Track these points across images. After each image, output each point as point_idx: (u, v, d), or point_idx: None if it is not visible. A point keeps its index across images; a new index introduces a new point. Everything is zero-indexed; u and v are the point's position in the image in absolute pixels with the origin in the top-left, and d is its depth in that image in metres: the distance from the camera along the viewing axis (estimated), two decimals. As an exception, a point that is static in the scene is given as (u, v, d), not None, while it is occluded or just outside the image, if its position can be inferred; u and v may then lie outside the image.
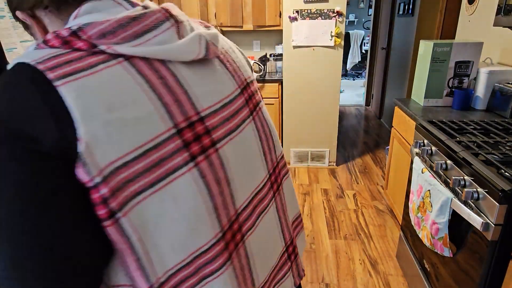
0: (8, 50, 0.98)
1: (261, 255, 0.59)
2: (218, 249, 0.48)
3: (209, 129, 0.48)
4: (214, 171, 0.48)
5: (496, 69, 1.83)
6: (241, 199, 0.53)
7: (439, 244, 1.30)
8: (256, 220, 0.57)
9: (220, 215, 0.49)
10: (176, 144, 0.44)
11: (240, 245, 0.53)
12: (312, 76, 3.05)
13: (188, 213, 0.45)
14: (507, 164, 1.13)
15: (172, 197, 0.43)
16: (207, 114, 0.49)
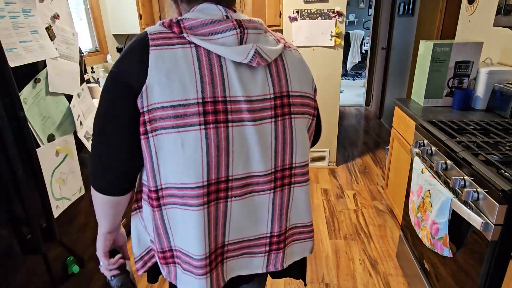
0: (8, 50, 0.98)
1: (240, 221, 0.76)
2: (200, 192, 0.69)
3: (227, 110, 0.68)
4: (218, 139, 0.67)
5: (496, 69, 1.83)
6: (236, 171, 0.72)
7: (439, 244, 1.30)
8: (245, 194, 0.75)
9: (210, 170, 0.68)
10: (198, 109, 0.65)
11: (221, 201, 0.73)
12: (312, 76, 3.05)
13: (188, 157, 0.66)
14: (507, 164, 1.13)
15: (181, 141, 0.66)
16: (231, 100, 0.68)
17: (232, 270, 0.83)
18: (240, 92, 0.69)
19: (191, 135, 0.66)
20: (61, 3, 1.23)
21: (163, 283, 1.87)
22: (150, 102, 0.65)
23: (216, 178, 0.70)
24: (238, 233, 0.78)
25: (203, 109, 0.66)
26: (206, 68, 0.67)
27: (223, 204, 0.73)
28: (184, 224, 0.72)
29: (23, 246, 1.06)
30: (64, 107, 1.24)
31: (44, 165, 1.10)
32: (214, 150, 0.68)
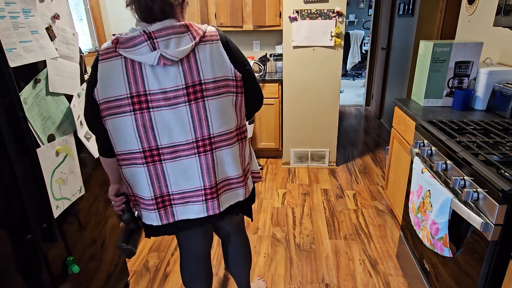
0: (8, 50, 0.98)
1: (176, 178, 1.11)
2: (140, 155, 1.07)
3: (148, 100, 1.02)
4: (143, 120, 1.03)
5: (496, 69, 1.83)
6: (163, 142, 1.06)
7: (439, 244, 1.30)
8: (175, 158, 1.08)
9: (142, 142, 1.05)
10: (128, 101, 1.01)
11: (157, 163, 1.08)
12: (312, 76, 3.05)
13: (126, 133, 1.04)
14: (507, 164, 1.13)
15: (120, 124, 1.03)
16: (150, 93, 1.01)
17: (181, 214, 1.16)
18: (156, 86, 1.01)
19: (126, 119, 1.03)
20: (61, 3, 1.23)
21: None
22: (99, 98, 1.03)
23: (148, 147, 1.07)
24: (177, 186, 1.12)
25: (131, 101, 1.02)
26: (130, 72, 1.01)
27: (159, 164, 1.09)
28: (136, 177, 1.11)
29: (23, 246, 1.06)
30: (64, 107, 1.24)
31: (44, 165, 1.10)
32: (142, 128, 1.04)
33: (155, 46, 0.98)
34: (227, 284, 1.88)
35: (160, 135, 1.05)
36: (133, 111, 1.02)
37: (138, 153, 1.07)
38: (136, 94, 1.01)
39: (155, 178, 1.11)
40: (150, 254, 2.13)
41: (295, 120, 3.23)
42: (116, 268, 1.69)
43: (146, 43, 0.98)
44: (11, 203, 1.02)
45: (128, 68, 1.00)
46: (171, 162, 1.09)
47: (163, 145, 1.07)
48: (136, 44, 0.98)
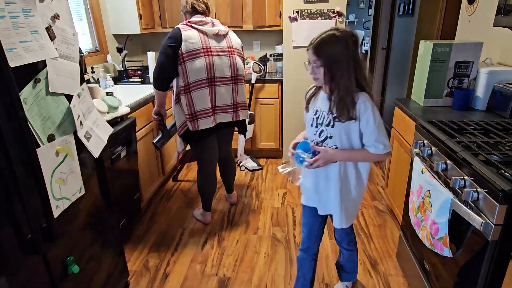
0: (8, 50, 0.98)
1: (220, 97, 2.11)
2: (205, 82, 2.03)
3: (212, 51, 2.04)
4: (209, 61, 2.02)
5: (496, 70, 1.83)
6: (217, 74, 2.07)
7: (439, 244, 1.30)
8: (222, 84, 2.10)
9: (208, 73, 2.02)
10: (201, 51, 1.99)
11: (213, 87, 2.07)
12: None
13: (199, 67, 1.99)
14: (507, 164, 1.13)
15: (195, 63, 1.98)
16: (213, 48, 2.05)
17: (220, 119, 2.15)
18: (215, 45, 2.06)
19: (199, 60, 1.98)
20: (61, 3, 1.23)
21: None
22: (182, 51, 1.94)
23: (210, 77, 2.03)
24: (219, 101, 2.11)
25: (203, 51, 1.99)
26: (203, 36, 2.01)
27: (214, 87, 2.07)
28: (202, 97, 2.03)
29: (23, 246, 1.06)
30: (64, 107, 1.24)
31: (44, 165, 1.10)
32: (209, 65, 2.01)
33: (214, 25, 2.08)
34: (227, 284, 1.88)
35: (216, 71, 2.04)
36: (204, 56, 1.99)
37: (204, 80, 2.01)
38: (206, 48, 2.00)
39: (211, 97, 2.06)
40: (150, 254, 2.13)
41: (295, 120, 3.22)
42: (116, 268, 1.69)
43: (211, 24, 2.07)
44: (11, 203, 1.02)
45: (200, 34, 2.00)
46: (219, 87, 2.08)
47: (217, 76, 2.05)
48: (204, 23, 2.04)
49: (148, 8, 3.22)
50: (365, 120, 1.28)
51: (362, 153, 1.32)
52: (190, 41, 1.94)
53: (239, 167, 3.35)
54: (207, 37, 2.01)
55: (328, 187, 1.40)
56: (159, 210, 2.64)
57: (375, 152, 1.29)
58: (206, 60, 1.98)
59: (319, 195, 1.45)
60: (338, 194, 1.39)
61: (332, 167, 1.37)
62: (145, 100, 2.47)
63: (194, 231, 2.37)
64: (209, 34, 2.02)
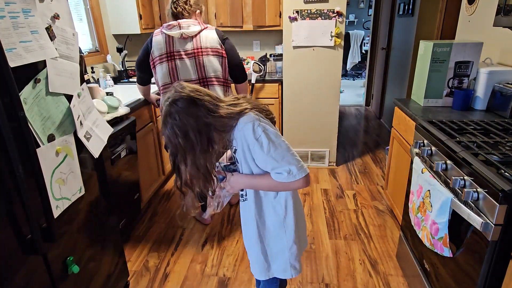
0: (8, 50, 0.98)
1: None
2: (170, 85, 1.87)
3: (175, 55, 2.00)
4: (171, 66, 2.02)
5: (496, 69, 1.83)
6: (182, 78, 2.02)
7: (439, 244, 1.30)
8: None
9: (171, 77, 2.04)
10: (164, 56, 2.00)
11: None
12: (312, 76, 3.05)
13: (164, 72, 2.03)
14: (507, 164, 1.13)
15: (162, 67, 2.03)
16: (176, 51, 2.00)
17: None
18: (181, 48, 2.00)
19: (163, 65, 2.01)
20: (61, 3, 1.23)
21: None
22: (153, 56, 2.01)
23: (174, 81, 2.00)
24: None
25: (166, 56, 2.00)
26: (168, 41, 1.99)
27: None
28: None
29: (23, 246, 1.06)
30: (64, 107, 1.24)
31: (44, 165, 1.10)
32: (172, 70, 2.02)
33: (181, 27, 1.98)
34: (227, 284, 1.88)
35: (180, 74, 2.02)
36: (167, 61, 2.00)
37: (168, 84, 2.03)
38: (170, 52, 2.00)
39: None
40: (150, 254, 2.13)
41: (295, 120, 3.23)
42: (116, 268, 1.69)
43: (178, 27, 1.98)
44: (11, 203, 1.02)
45: (166, 39, 1.98)
46: None
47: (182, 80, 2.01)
48: (172, 27, 1.98)
49: (148, 8, 3.22)
50: (249, 148, 1.04)
51: (266, 179, 1.06)
52: (157, 46, 1.98)
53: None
54: (172, 41, 1.98)
55: (245, 232, 1.22)
56: (159, 210, 2.64)
57: (278, 180, 1.03)
58: (168, 64, 2.00)
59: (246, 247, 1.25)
60: (255, 240, 1.18)
61: (247, 207, 1.16)
62: (145, 100, 2.47)
63: (194, 231, 2.37)
64: (175, 37, 1.99)
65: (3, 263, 0.99)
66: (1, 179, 0.98)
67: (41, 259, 1.15)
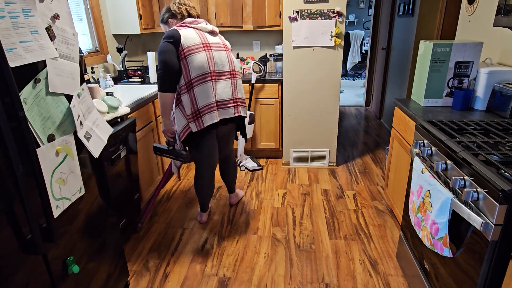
0: (8, 50, 0.98)
1: (220, 91, 2.10)
2: (208, 75, 2.02)
3: (211, 46, 2.05)
4: (209, 55, 2.02)
5: (496, 70, 1.83)
6: (217, 69, 2.07)
7: (439, 244, 1.30)
8: (221, 79, 2.10)
9: (210, 67, 2.02)
10: (201, 46, 2.00)
11: (214, 81, 2.06)
12: (312, 76, 3.05)
13: (200, 61, 1.98)
14: (507, 164, 1.13)
15: (196, 57, 1.97)
16: (211, 43, 2.06)
17: (222, 115, 2.12)
18: (213, 42, 2.08)
19: (200, 54, 1.97)
20: (61, 3, 1.23)
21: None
22: (183, 46, 1.93)
23: (212, 71, 2.02)
24: (220, 96, 2.09)
25: (202, 46, 2.00)
26: (200, 34, 2.04)
27: (214, 82, 2.05)
28: (205, 91, 2.01)
29: (23, 246, 1.06)
30: (64, 107, 1.24)
31: (44, 165, 1.10)
32: (210, 59, 2.02)
33: (208, 25, 2.10)
34: (227, 284, 1.88)
35: (216, 64, 2.05)
36: (204, 50, 1.99)
37: (207, 74, 2.00)
38: (205, 43, 2.02)
39: (213, 92, 2.04)
40: (150, 254, 2.13)
41: (295, 120, 3.23)
42: (116, 268, 1.69)
43: (204, 22, 2.09)
44: (11, 202, 1.02)
45: (197, 32, 2.02)
46: (219, 82, 2.08)
47: (216, 70, 2.06)
48: (198, 23, 2.07)
49: (148, 8, 3.22)
50: None
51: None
52: (189, 37, 1.95)
53: (239, 167, 3.35)
54: (203, 35, 2.04)
55: None
56: (159, 210, 2.64)
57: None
58: (206, 54, 1.98)
59: None
60: None
61: None
62: (145, 100, 2.47)
63: (194, 231, 2.37)
64: (204, 31, 2.06)
65: (3, 263, 0.99)
66: (1, 179, 0.98)
67: (41, 259, 1.15)
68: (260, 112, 3.33)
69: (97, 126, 1.45)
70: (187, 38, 1.94)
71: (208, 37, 2.05)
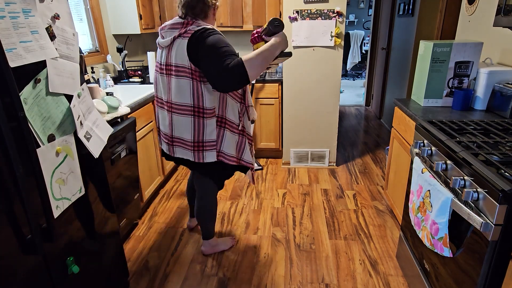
0: (8, 50, 0.98)
1: (161, 121, 1.79)
2: (155, 100, 1.78)
3: (159, 67, 1.67)
4: (156, 78, 1.72)
5: (496, 70, 1.83)
6: (158, 95, 1.75)
7: (439, 244, 1.30)
8: (160, 107, 1.76)
9: (156, 91, 1.75)
10: (157, 65, 1.70)
11: (159, 108, 1.77)
12: (312, 76, 3.05)
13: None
14: (507, 164, 1.13)
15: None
16: (159, 63, 1.66)
17: (163, 146, 1.84)
18: (158, 59, 1.68)
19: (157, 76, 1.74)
20: (61, 3, 1.23)
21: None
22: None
23: (156, 95, 1.76)
24: (162, 127, 1.79)
25: (156, 65, 1.73)
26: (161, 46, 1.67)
27: (159, 109, 1.79)
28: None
29: (23, 246, 1.06)
30: (64, 107, 1.24)
31: (44, 165, 1.10)
32: (155, 83, 1.75)
33: (162, 36, 1.64)
34: (227, 284, 1.88)
35: (158, 91, 1.73)
36: (157, 72, 1.71)
37: (155, 98, 1.77)
38: (159, 64, 1.68)
39: (157, 117, 1.80)
40: (150, 254, 2.13)
41: (295, 120, 3.23)
42: (116, 268, 1.69)
43: (160, 35, 1.65)
44: (11, 202, 1.02)
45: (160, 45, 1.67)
46: (160, 110, 1.76)
47: (158, 97, 1.75)
48: (163, 30, 1.64)
49: (148, 8, 3.22)
50: None
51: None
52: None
53: (239, 167, 3.34)
54: (162, 48, 1.66)
55: None
56: (159, 210, 2.64)
57: None
58: (155, 76, 1.74)
59: None
60: None
61: None
62: (145, 100, 2.47)
63: (194, 231, 2.37)
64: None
65: (3, 263, 0.99)
66: (1, 179, 0.98)
67: (41, 259, 1.15)
68: (260, 112, 3.33)
69: (97, 126, 1.45)
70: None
71: (164, 52, 1.64)
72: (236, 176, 3.18)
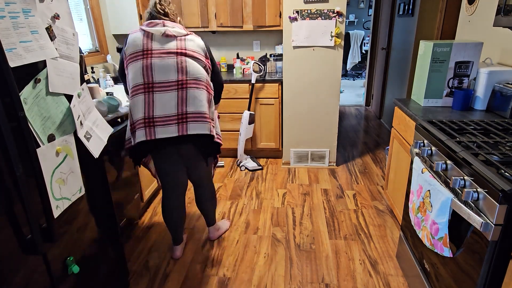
0: (8, 50, 0.98)
1: (160, 105, 1.69)
2: (142, 87, 1.69)
3: (152, 53, 1.70)
4: (146, 64, 1.69)
5: (496, 70, 1.83)
6: (157, 79, 1.69)
7: (439, 244, 1.30)
8: (163, 91, 1.69)
9: (144, 77, 1.69)
10: (140, 54, 1.70)
11: (151, 93, 1.69)
12: (312, 76, 3.05)
13: (136, 71, 1.70)
14: (507, 164, 1.13)
15: (133, 66, 1.71)
16: (154, 50, 1.71)
17: (160, 133, 1.70)
18: (158, 46, 1.72)
19: (137, 63, 1.70)
20: (61, 3, 1.23)
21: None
22: (126, 54, 1.75)
23: (147, 82, 1.69)
24: (159, 111, 1.69)
25: (141, 54, 1.70)
26: (144, 39, 1.73)
27: (152, 95, 1.69)
28: (135, 105, 1.71)
29: (23, 246, 1.06)
30: (64, 107, 1.24)
31: (44, 165, 1.10)
32: (145, 69, 1.69)
33: (165, 26, 1.75)
34: (227, 284, 1.88)
35: (155, 74, 1.70)
36: (141, 58, 1.70)
37: (140, 85, 1.70)
38: (145, 50, 1.71)
39: (147, 105, 1.69)
40: (150, 254, 2.13)
41: (295, 120, 3.23)
42: (116, 268, 1.69)
43: (161, 24, 1.75)
44: (11, 203, 1.02)
45: (144, 36, 1.73)
46: (158, 94, 1.69)
47: (157, 81, 1.70)
48: (155, 24, 1.74)
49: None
50: None
51: None
52: (133, 43, 1.71)
53: (239, 167, 3.35)
54: (151, 39, 1.71)
55: None
56: (159, 210, 2.64)
57: None
58: (143, 62, 1.68)
59: None
60: None
61: None
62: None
63: (194, 231, 2.37)
64: (155, 35, 1.72)
65: (3, 263, 0.99)
66: (1, 179, 0.98)
67: (41, 259, 1.15)
68: (260, 112, 3.33)
69: (97, 126, 1.45)
70: (130, 45, 1.72)
71: (155, 43, 1.71)
72: (236, 176, 3.18)
